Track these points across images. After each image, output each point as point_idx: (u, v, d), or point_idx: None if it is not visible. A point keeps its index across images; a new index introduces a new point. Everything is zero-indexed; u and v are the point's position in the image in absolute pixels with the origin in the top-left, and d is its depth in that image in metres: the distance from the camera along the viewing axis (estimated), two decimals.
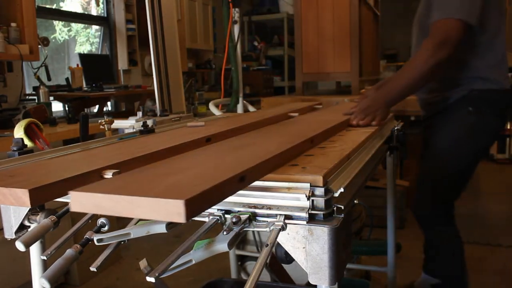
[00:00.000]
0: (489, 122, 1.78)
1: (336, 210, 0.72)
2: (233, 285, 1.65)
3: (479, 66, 1.74)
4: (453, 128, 1.81)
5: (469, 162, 1.85)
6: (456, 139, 1.81)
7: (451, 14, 1.54)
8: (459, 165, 1.84)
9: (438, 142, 1.86)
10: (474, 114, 1.76)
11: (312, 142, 1.02)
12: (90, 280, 2.60)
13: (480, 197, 4.06)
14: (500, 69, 1.79)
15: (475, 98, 1.77)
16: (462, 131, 1.80)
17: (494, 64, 1.76)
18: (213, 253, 0.67)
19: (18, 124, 1.08)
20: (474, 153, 1.84)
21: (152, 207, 0.50)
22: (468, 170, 1.88)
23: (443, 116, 1.85)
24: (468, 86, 1.77)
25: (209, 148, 0.92)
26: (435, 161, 1.90)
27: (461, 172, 1.86)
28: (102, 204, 0.53)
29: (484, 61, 1.74)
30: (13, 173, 0.72)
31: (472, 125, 1.78)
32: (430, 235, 1.96)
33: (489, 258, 2.76)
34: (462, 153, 1.81)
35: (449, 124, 1.82)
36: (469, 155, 1.83)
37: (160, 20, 2.02)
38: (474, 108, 1.76)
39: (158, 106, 1.98)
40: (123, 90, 3.80)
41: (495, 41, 1.74)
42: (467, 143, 1.80)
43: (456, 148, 1.81)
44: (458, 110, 1.79)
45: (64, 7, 3.99)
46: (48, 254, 0.71)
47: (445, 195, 1.90)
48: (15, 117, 2.64)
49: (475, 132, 1.78)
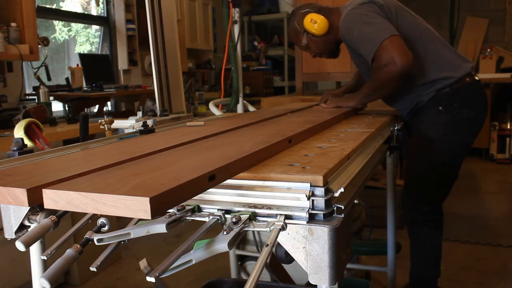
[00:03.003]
0: (464, 116, 1.79)
1: (336, 210, 0.72)
2: (233, 285, 1.65)
3: (433, 67, 1.78)
4: (427, 128, 1.83)
5: (449, 159, 1.85)
6: (430, 139, 1.82)
7: (378, 42, 1.63)
8: (439, 164, 1.84)
9: (415, 144, 1.86)
10: (445, 113, 1.79)
11: (290, 142, 1.02)
12: (90, 280, 2.60)
13: (480, 197, 4.06)
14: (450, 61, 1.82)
15: (443, 96, 1.80)
16: (436, 130, 1.81)
17: (442, 59, 1.81)
18: (213, 253, 0.67)
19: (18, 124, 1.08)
20: (453, 150, 1.84)
21: (121, 204, 0.53)
22: (450, 168, 1.87)
23: (417, 118, 1.87)
24: (433, 88, 1.80)
25: (184, 148, 0.92)
26: (414, 163, 1.90)
27: (442, 170, 1.86)
28: (74, 202, 0.56)
29: (434, 61, 1.79)
30: (12, 172, 0.72)
31: (445, 123, 1.80)
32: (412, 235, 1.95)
33: (489, 258, 2.76)
34: (439, 151, 1.82)
35: (423, 124, 1.84)
36: (447, 153, 1.83)
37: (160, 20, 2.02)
38: (444, 107, 1.79)
39: (158, 106, 1.98)
40: (123, 90, 3.79)
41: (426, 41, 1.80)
42: (444, 141, 1.81)
43: (433, 147, 1.82)
44: (430, 111, 1.82)
45: (64, 7, 3.99)
46: (48, 254, 0.71)
47: (429, 195, 1.89)
48: (15, 117, 2.64)
49: (450, 129, 1.80)
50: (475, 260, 2.72)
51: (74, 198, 0.56)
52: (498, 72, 5.82)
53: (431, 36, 1.83)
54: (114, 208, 0.54)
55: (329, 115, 1.50)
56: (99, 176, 0.65)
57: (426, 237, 1.90)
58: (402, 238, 2.19)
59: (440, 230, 1.93)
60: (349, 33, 1.76)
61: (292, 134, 1.05)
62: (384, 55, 1.61)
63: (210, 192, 0.76)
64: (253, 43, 6.86)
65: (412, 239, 1.95)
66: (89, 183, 0.61)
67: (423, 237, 1.91)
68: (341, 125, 1.46)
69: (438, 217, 1.92)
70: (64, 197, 0.56)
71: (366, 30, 1.69)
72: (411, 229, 1.94)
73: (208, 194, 0.77)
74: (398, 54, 1.59)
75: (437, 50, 1.81)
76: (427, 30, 1.84)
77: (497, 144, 5.40)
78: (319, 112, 1.70)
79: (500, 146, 5.42)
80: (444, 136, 1.81)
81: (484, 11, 6.66)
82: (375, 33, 1.65)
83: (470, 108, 1.80)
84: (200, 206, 0.77)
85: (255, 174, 0.76)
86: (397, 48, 1.60)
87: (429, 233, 1.90)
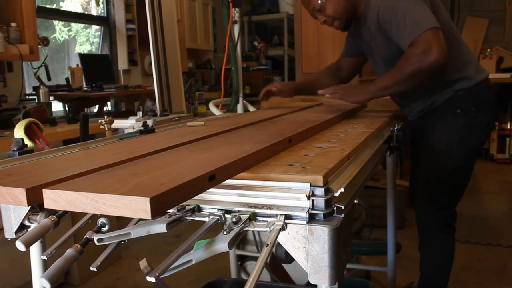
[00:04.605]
0: (479, 121, 1.78)
1: (336, 210, 0.72)
2: (233, 285, 1.65)
3: (455, 67, 1.75)
4: (443, 131, 1.80)
5: (464, 164, 1.83)
6: (448, 143, 1.79)
7: (422, 28, 1.56)
8: (456, 169, 1.82)
9: (431, 148, 1.84)
10: (462, 116, 1.77)
11: (290, 142, 1.02)
12: (90, 280, 2.60)
13: (480, 197, 4.06)
14: (471, 64, 1.80)
15: (460, 99, 1.77)
16: (454, 134, 1.79)
17: (465, 60, 1.78)
18: (213, 253, 0.67)
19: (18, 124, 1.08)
20: (468, 155, 1.82)
21: (121, 204, 0.53)
22: (465, 172, 1.86)
23: (431, 119, 1.84)
24: (451, 88, 1.78)
25: (184, 148, 0.92)
26: (431, 166, 1.87)
27: (458, 175, 1.85)
28: (74, 202, 0.56)
29: (457, 62, 1.75)
30: (11, 172, 0.72)
31: (463, 127, 1.78)
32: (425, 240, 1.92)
33: (489, 258, 2.76)
34: (456, 156, 1.79)
35: (440, 127, 1.81)
36: (463, 157, 1.81)
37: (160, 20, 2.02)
38: (462, 110, 1.77)
39: (158, 106, 1.98)
40: (123, 90, 3.79)
41: (454, 39, 1.76)
42: (460, 145, 1.78)
43: (450, 152, 1.80)
44: (446, 113, 1.80)
45: (64, 7, 3.99)
46: (48, 254, 0.71)
47: (445, 199, 1.87)
48: (15, 117, 2.64)
49: (466, 133, 1.78)
50: (475, 260, 2.71)
51: (74, 198, 0.56)
52: (498, 72, 5.81)
53: (457, 36, 1.80)
54: (114, 208, 0.54)
55: (329, 115, 1.50)
56: (99, 176, 0.65)
57: (440, 243, 1.88)
58: (402, 238, 2.19)
59: (453, 236, 1.90)
60: (390, 13, 1.65)
61: (292, 134, 1.05)
62: (424, 43, 1.54)
63: (210, 192, 0.76)
64: (253, 43, 6.86)
65: (424, 244, 1.92)
66: (89, 183, 0.61)
67: (438, 243, 1.88)
68: (341, 125, 1.46)
69: (452, 223, 1.89)
70: (64, 197, 0.56)
71: (413, 13, 1.60)
72: (425, 234, 1.91)
73: (208, 194, 0.77)
74: (438, 46, 1.53)
75: (460, 50, 1.78)
76: (454, 29, 1.80)
77: (497, 144, 5.40)
78: (319, 112, 1.70)
79: (500, 146, 5.42)
80: (461, 141, 1.78)
81: (484, 11, 6.66)
82: (422, 18, 1.58)
83: (484, 113, 1.79)
84: (200, 206, 0.77)
85: (255, 174, 0.76)
86: (438, 40, 1.54)
87: (443, 238, 1.87)
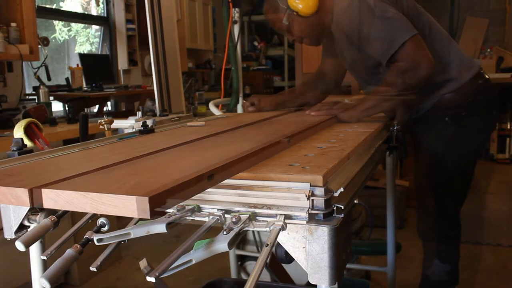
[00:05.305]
0: (472, 125, 1.67)
1: (336, 210, 0.72)
2: (233, 285, 1.65)
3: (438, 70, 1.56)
4: (433, 143, 1.71)
5: (461, 172, 1.74)
6: (440, 155, 1.70)
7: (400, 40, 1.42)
8: (452, 179, 1.73)
9: (424, 160, 1.77)
10: (452, 124, 1.66)
11: (290, 142, 1.03)
12: (90, 280, 2.60)
13: (480, 197, 4.06)
14: (452, 62, 1.65)
15: (448, 104, 1.65)
16: (445, 145, 1.69)
17: (443, 61, 1.62)
18: (213, 253, 0.67)
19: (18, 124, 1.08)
20: (464, 163, 1.73)
21: (120, 203, 0.53)
22: (463, 180, 1.78)
23: (421, 128, 1.74)
24: (437, 93, 1.64)
25: (183, 148, 0.93)
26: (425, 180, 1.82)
27: (456, 184, 1.76)
28: (73, 201, 0.56)
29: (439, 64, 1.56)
30: (13, 172, 0.72)
31: (455, 136, 1.67)
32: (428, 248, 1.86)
33: (489, 258, 2.76)
34: (451, 167, 1.70)
35: (430, 138, 1.72)
36: (459, 166, 1.72)
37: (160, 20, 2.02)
38: (450, 118, 1.65)
39: (158, 106, 1.98)
40: (123, 90, 3.79)
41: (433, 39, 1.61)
42: (454, 155, 1.69)
43: (443, 163, 1.70)
44: (434, 122, 1.69)
45: (64, 7, 3.99)
46: (48, 254, 0.71)
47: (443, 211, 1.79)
48: (15, 117, 2.64)
49: (459, 142, 1.68)
50: (475, 260, 2.72)
51: (73, 198, 0.56)
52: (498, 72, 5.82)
53: (439, 33, 1.65)
54: (113, 207, 0.54)
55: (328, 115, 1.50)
56: (99, 176, 0.66)
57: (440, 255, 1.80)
58: (402, 238, 2.19)
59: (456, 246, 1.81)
60: (354, 27, 1.51)
61: (292, 134, 1.05)
62: (409, 58, 1.42)
63: (210, 192, 0.76)
64: (253, 43, 6.86)
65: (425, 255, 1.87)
66: (89, 182, 0.61)
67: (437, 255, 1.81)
68: (341, 125, 1.46)
69: (454, 232, 1.81)
70: (64, 197, 0.56)
71: (381, 27, 1.46)
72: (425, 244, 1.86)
73: (208, 194, 0.77)
74: (424, 58, 1.41)
75: (444, 49, 1.64)
76: (434, 26, 1.64)
77: (497, 144, 5.40)
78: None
79: (500, 146, 5.42)
80: (454, 150, 1.67)
81: (484, 11, 6.66)
82: (393, 31, 1.44)
83: (479, 116, 1.67)
84: (200, 206, 0.77)
85: (255, 174, 0.76)
86: (420, 51, 1.42)
87: (444, 250, 1.80)
